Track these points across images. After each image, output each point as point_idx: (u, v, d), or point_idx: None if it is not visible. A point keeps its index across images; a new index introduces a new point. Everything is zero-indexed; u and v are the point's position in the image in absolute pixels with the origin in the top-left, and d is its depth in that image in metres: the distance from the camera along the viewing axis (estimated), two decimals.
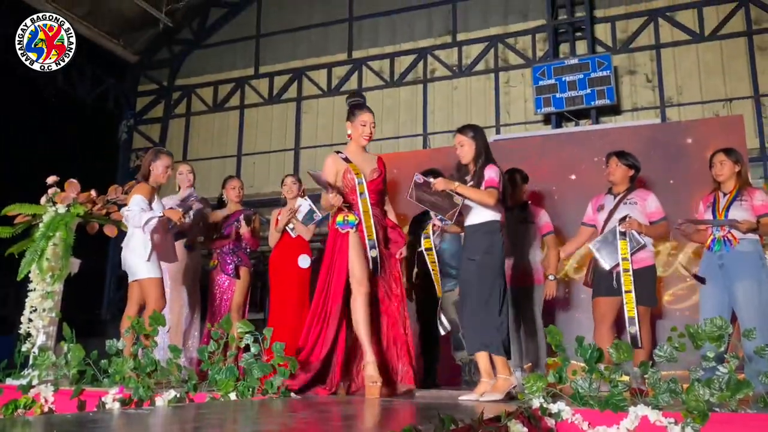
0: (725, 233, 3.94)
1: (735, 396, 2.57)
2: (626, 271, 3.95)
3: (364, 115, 3.90)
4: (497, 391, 3.34)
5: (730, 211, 3.96)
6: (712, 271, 3.99)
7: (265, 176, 10.60)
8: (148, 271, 4.08)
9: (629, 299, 3.91)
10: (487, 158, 3.64)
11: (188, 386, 3.43)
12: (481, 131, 3.76)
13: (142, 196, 4.11)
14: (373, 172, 3.85)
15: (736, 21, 8.67)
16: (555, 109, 8.71)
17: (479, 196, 3.51)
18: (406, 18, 10.39)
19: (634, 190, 4.24)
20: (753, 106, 8.34)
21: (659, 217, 4.15)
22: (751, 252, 3.91)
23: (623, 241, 3.98)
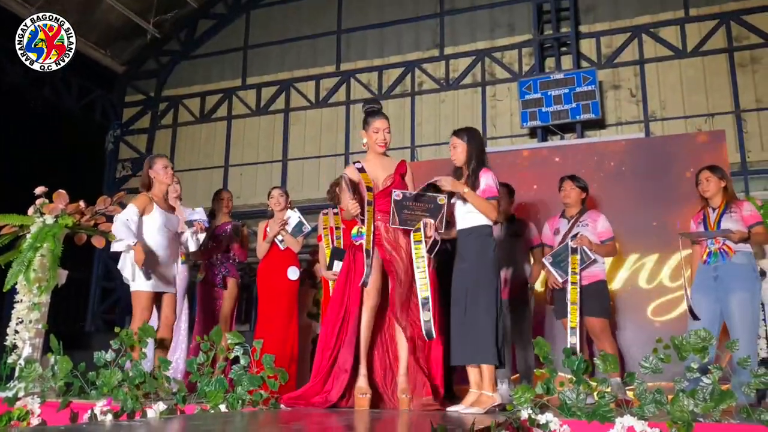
0: (720, 245, 4.04)
1: (719, 406, 2.62)
2: (574, 284, 4.19)
3: (377, 121, 3.85)
4: (480, 405, 3.33)
5: (721, 224, 4.07)
6: (706, 284, 4.08)
7: (252, 187, 10.59)
8: (135, 283, 4.06)
9: (573, 310, 4.12)
10: (480, 162, 3.62)
11: (177, 398, 3.43)
12: (476, 134, 3.75)
13: (135, 207, 4.07)
14: (387, 180, 3.78)
15: (718, 38, 8.84)
16: (541, 123, 8.81)
17: (485, 207, 3.51)
18: (394, 31, 10.48)
19: (586, 212, 4.51)
20: (734, 122, 8.49)
21: (608, 236, 4.44)
22: (746, 264, 4.01)
23: (574, 256, 4.24)
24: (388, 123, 3.89)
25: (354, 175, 3.82)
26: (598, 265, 4.34)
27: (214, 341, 3.54)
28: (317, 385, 3.60)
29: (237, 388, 3.37)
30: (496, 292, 3.46)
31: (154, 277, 4.06)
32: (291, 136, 10.68)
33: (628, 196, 5.45)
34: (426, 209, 3.58)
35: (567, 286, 4.18)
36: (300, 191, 9.90)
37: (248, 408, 3.28)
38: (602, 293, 4.30)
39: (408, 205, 3.58)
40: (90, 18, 10.45)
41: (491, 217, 3.53)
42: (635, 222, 5.34)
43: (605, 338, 4.18)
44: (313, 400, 3.55)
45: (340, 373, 3.56)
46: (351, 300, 3.68)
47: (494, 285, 3.47)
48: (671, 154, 5.50)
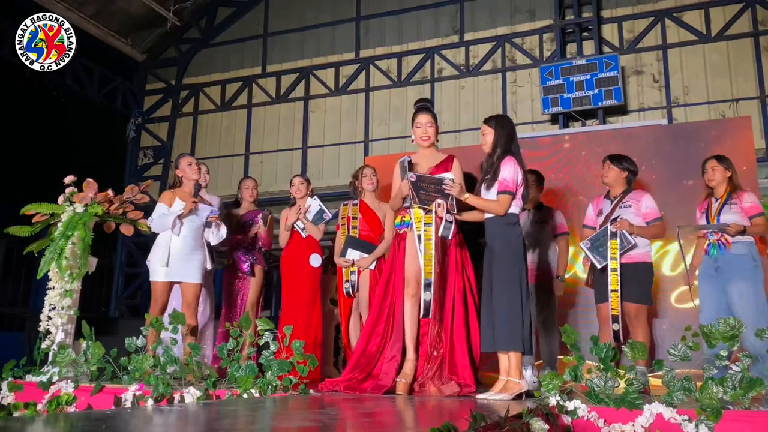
0: (719, 237, 4.10)
1: (748, 394, 2.63)
2: (614, 270, 4.06)
3: (419, 116, 3.95)
4: (507, 391, 3.38)
5: (721, 215, 4.12)
6: (709, 274, 4.16)
7: (272, 175, 10.66)
8: (153, 273, 4.28)
9: (614, 297, 4.03)
10: (505, 150, 3.62)
11: (208, 383, 3.49)
12: (504, 121, 3.75)
13: (163, 203, 4.33)
14: (430, 170, 3.86)
15: (743, 22, 8.70)
16: (562, 109, 8.76)
17: (489, 206, 3.56)
18: (413, 17, 10.44)
19: (630, 192, 4.32)
20: (759, 107, 8.37)
21: (654, 217, 4.22)
22: (745, 254, 4.05)
23: (613, 241, 4.09)
24: (431, 117, 3.95)
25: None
26: (643, 247, 4.15)
27: (244, 328, 3.60)
28: (364, 371, 3.71)
29: (266, 374, 3.43)
30: (521, 280, 3.48)
31: (170, 267, 4.22)
32: (311, 124, 10.71)
33: (651, 183, 5.42)
34: (438, 190, 3.64)
35: (607, 271, 4.07)
36: (320, 179, 9.95)
37: (279, 393, 3.34)
38: (642, 277, 4.12)
39: (423, 186, 3.65)
40: (110, 7, 10.53)
41: (497, 212, 3.54)
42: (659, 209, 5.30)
43: (639, 325, 4.05)
44: (365, 385, 3.65)
45: (392, 359, 3.67)
46: (396, 288, 3.79)
47: (520, 273, 3.49)
48: (696, 140, 5.45)
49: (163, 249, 4.23)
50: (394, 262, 3.87)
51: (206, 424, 1.83)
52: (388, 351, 3.71)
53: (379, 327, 3.80)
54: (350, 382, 3.68)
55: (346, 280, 4.82)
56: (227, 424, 1.82)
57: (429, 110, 3.98)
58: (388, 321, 3.78)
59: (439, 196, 3.64)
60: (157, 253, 4.26)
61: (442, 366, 3.67)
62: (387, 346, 3.73)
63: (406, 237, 3.81)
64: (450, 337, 3.71)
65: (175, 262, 4.24)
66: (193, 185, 4.44)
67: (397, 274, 3.81)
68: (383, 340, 3.76)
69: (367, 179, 4.92)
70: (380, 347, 3.76)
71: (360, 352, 3.81)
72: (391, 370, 3.65)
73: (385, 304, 3.82)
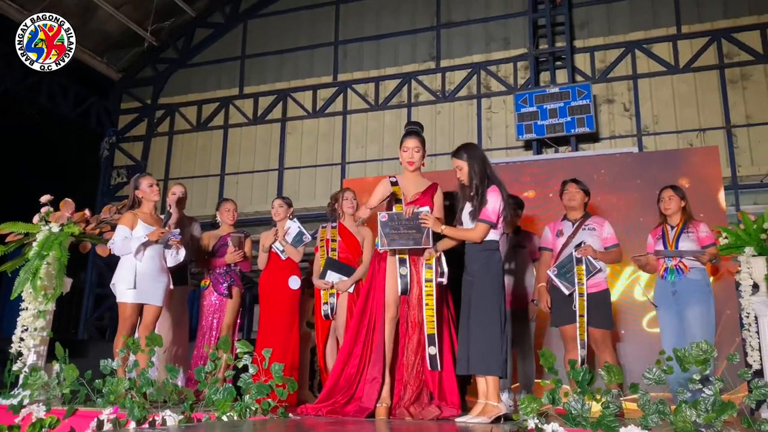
0: (677, 262, 4.28)
1: (720, 417, 2.69)
2: (581, 296, 4.22)
3: (407, 141, 4.01)
4: (485, 414, 3.40)
5: (679, 242, 4.32)
6: (666, 299, 4.33)
7: (248, 196, 10.63)
8: (120, 295, 4.21)
9: (582, 323, 4.17)
10: (483, 180, 3.66)
11: (185, 406, 3.46)
12: (474, 150, 3.80)
13: (124, 225, 4.24)
14: (415, 195, 3.90)
15: (709, 54, 9.02)
16: (536, 136, 8.94)
17: (464, 236, 3.63)
18: (390, 43, 10.60)
19: (590, 217, 4.51)
20: (725, 137, 8.65)
21: (613, 243, 4.45)
22: (700, 280, 4.28)
23: (579, 267, 4.24)
24: (418, 142, 4.00)
25: (387, 188, 3.96)
26: (601, 273, 4.35)
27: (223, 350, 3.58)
28: (345, 394, 3.70)
29: (245, 397, 3.41)
30: (501, 305, 3.53)
31: (138, 289, 4.18)
32: (287, 146, 10.75)
33: (622, 209, 5.54)
34: (412, 226, 3.66)
35: (574, 297, 4.20)
36: (296, 200, 9.87)
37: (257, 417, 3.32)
38: (605, 303, 4.33)
39: (394, 225, 3.67)
40: (87, 25, 10.48)
41: (474, 239, 3.60)
42: (630, 235, 5.43)
43: (606, 349, 4.23)
44: (347, 408, 3.65)
45: (373, 381, 3.66)
46: (376, 309, 3.80)
47: (499, 298, 3.54)
48: (665, 168, 5.60)
49: (129, 272, 4.17)
50: (373, 282, 3.87)
51: None
52: (369, 373, 3.71)
53: (357, 348, 3.79)
54: (333, 405, 3.67)
55: (325, 303, 4.81)
56: None
57: (418, 134, 4.04)
58: (366, 342, 3.77)
59: (413, 232, 3.67)
60: (123, 275, 4.20)
61: (423, 391, 3.69)
62: (367, 368, 3.73)
63: (386, 257, 3.82)
64: None
65: (144, 284, 4.21)
66: (154, 206, 4.40)
67: (377, 294, 3.82)
68: (363, 362, 3.76)
69: (348, 202, 4.94)
70: (360, 369, 3.75)
71: (338, 373, 3.79)
72: (373, 392, 3.66)
73: (363, 324, 3.82)
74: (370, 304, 3.84)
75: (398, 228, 3.65)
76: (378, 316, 3.78)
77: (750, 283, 4.44)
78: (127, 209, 4.42)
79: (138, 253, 4.14)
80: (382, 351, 3.72)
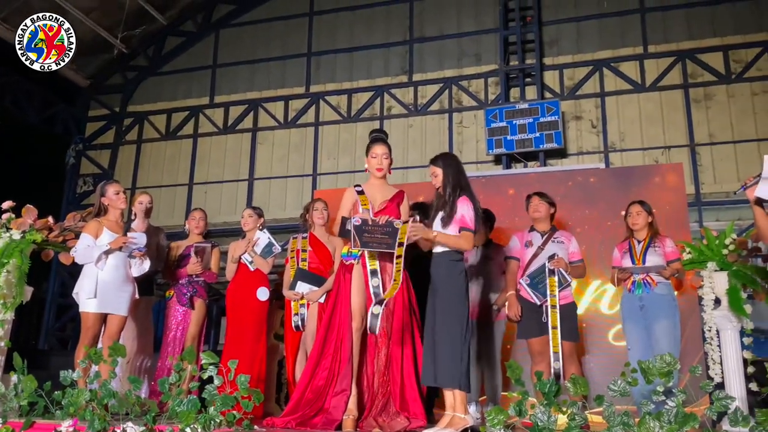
0: (644, 277, 4.37)
1: (683, 428, 2.73)
2: (553, 308, 4.26)
3: (375, 147, 3.98)
4: (452, 426, 3.40)
5: (647, 257, 4.42)
6: (633, 312, 4.41)
7: (216, 207, 10.50)
8: (82, 304, 4.15)
9: (555, 335, 4.21)
10: (456, 189, 3.68)
11: (147, 418, 3.38)
12: (451, 159, 3.85)
13: (88, 234, 4.19)
14: (382, 204, 3.89)
15: (674, 74, 9.26)
16: (506, 151, 9.05)
17: (456, 243, 3.61)
18: (364, 56, 10.64)
19: (558, 231, 4.60)
20: (689, 155, 8.86)
21: (578, 258, 4.55)
22: (667, 295, 4.39)
23: (552, 278, 4.29)
24: (386, 149, 4.00)
25: (353, 197, 3.94)
26: (569, 288, 4.43)
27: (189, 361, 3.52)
28: (314, 407, 3.66)
29: (209, 409, 3.35)
30: (463, 318, 3.52)
31: (101, 298, 4.12)
32: (258, 156, 10.68)
33: (589, 224, 5.62)
34: (385, 232, 3.66)
35: (546, 308, 4.24)
36: (267, 211, 9.78)
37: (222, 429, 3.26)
38: (572, 316, 4.40)
39: (367, 229, 3.65)
40: None
41: (465, 248, 3.62)
42: (597, 249, 5.51)
43: (572, 362, 4.29)
44: (315, 420, 3.61)
45: (341, 393, 3.63)
46: (342, 320, 3.75)
47: (462, 310, 3.54)
48: (631, 184, 5.70)
49: (91, 279, 4.12)
50: (339, 293, 3.83)
51: None
52: (337, 385, 3.68)
53: (325, 360, 3.74)
54: (302, 417, 3.62)
55: (296, 314, 4.77)
56: None
57: (385, 142, 4.04)
58: (335, 354, 3.74)
59: (385, 237, 3.67)
60: (85, 284, 4.14)
61: (390, 402, 3.66)
62: (335, 380, 3.69)
63: (352, 269, 3.80)
64: (400, 372, 3.71)
65: (107, 293, 4.15)
66: (120, 214, 4.34)
67: (343, 306, 3.78)
68: (331, 374, 3.72)
69: (318, 213, 4.92)
70: (328, 381, 3.71)
71: (305, 386, 3.75)
72: (341, 404, 3.63)
73: (330, 336, 3.77)
74: (337, 316, 3.80)
75: (372, 232, 3.65)
76: (345, 328, 3.75)
77: (712, 298, 4.54)
78: (92, 217, 4.34)
79: (99, 261, 4.09)
80: (351, 364, 3.69)
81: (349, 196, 3.96)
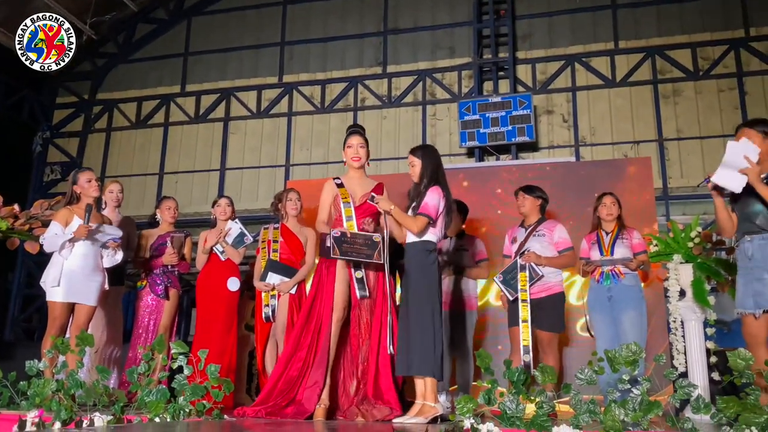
0: (612, 268, 4.44)
1: (647, 416, 2.79)
2: (524, 302, 4.34)
3: (351, 138, 3.99)
4: (422, 415, 3.43)
5: (615, 248, 4.48)
6: (601, 303, 4.48)
7: (187, 196, 10.38)
8: (49, 293, 4.11)
9: (525, 328, 4.28)
10: (431, 180, 3.72)
11: (115, 408, 3.35)
12: (429, 151, 3.88)
13: (58, 222, 4.15)
14: (363, 197, 3.88)
15: (644, 70, 9.39)
16: (478, 144, 9.10)
17: (406, 222, 3.65)
18: (338, 46, 10.59)
19: (544, 222, 4.62)
20: (657, 149, 9.02)
21: (565, 246, 4.58)
22: (634, 286, 4.47)
23: (522, 273, 4.38)
24: (362, 140, 4.01)
25: (333, 189, 3.93)
26: (555, 276, 4.49)
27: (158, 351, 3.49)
28: (286, 397, 3.66)
29: (179, 399, 3.33)
30: (434, 306, 3.56)
31: (69, 287, 4.09)
32: (230, 146, 10.58)
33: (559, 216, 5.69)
34: (364, 244, 3.69)
35: (518, 303, 4.31)
36: (238, 201, 9.72)
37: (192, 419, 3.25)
38: (556, 307, 4.45)
39: (347, 240, 3.68)
40: (21, 14, 10.02)
41: (412, 230, 3.63)
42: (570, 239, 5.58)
43: (551, 351, 4.37)
44: (287, 410, 3.61)
45: (314, 384, 3.65)
46: (323, 313, 3.76)
47: (433, 300, 3.57)
48: (601, 177, 5.79)
49: (58, 269, 4.07)
50: (321, 287, 3.83)
51: None
52: (311, 377, 3.68)
53: (300, 352, 3.75)
54: (273, 407, 3.62)
55: (266, 305, 4.76)
56: None
57: (360, 133, 4.05)
58: (311, 346, 3.74)
59: (364, 249, 3.69)
60: (52, 273, 4.09)
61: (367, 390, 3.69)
62: (309, 372, 3.69)
63: (335, 263, 3.79)
64: (376, 361, 3.74)
65: (75, 283, 4.10)
66: (93, 202, 4.29)
67: (325, 299, 3.78)
68: (306, 366, 3.72)
69: (292, 203, 4.90)
70: (302, 372, 3.71)
71: (278, 376, 3.75)
72: (314, 395, 3.63)
73: (308, 329, 3.77)
74: (317, 309, 3.80)
75: (352, 243, 3.67)
76: (325, 321, 3.75)
77: (677, 289, 4.65)
78: (63, 205, 4.27)
79: (63, 249, 4.03)
80: (327, 356, 3.71)
81: (329, 189, 3.95)
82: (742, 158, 3.32)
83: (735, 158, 3.35)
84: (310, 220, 5.09)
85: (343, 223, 3.81)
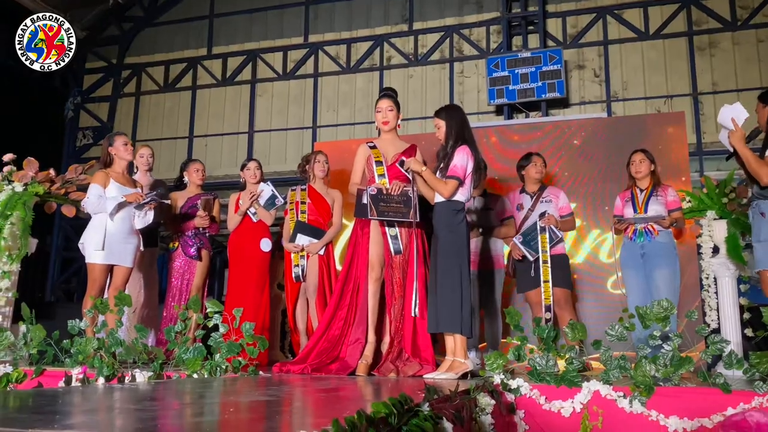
0: (645, 225, 4.37)
1: (678, 371, 2.80)
2: (545, 263, 4.38)
3: (380, 102, 4.04)
4: (452, 370, 3.49)
5: (649, 205, 4.41)
6: (634, 260, 4.41)
7: (217, 159, 10.49)
8: (89, 255, 4.19)
9: (546, 288, 4.33)
10: (457, 140, 3.72)
11: (154, 366, 3.46)
12: (455, 111, 3.87)
13: (97, 184, 4.21)
14: (395, 156, 3.95)
15: (679, 21, 9.09)
16: (507, 101, 8.95)
17: (437, 186, 3.66)
18: (363, 4, 10.44)
19: (546, 188, 4.70)
20: (691, 104, 8.78)
21: (568, 212, 4.68)
22: (668, 243, 4.39)
23: (543, 235, 4.41)
24: (391, 102, 4.03)
25: (366, 151, 4.00)
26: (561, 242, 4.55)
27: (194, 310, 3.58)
28: (330, 355, 3.79)
29: (215, 356, 3.43)
30: (462, 267, 3.59)
31: (107, 250, 4.15)
32: (258, 108, 10.60)
33: (590, 174, 5.63)
34: (400, 201, 3.72)
35: (539, 263, 4.35)
36: (266, 164, 9.82)
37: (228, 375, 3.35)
38: (564, 264, 4.53)
39: (383, 198, 3.73)
40: None
41: (443, 193, 3.64)
42: (597, 199, 5.54)
43: (567, 308, 4.42)
44: (331, 366, 3.74)
45: (356, 341, 3.77)
46: (360, 273, 3.87)
47: (462, 260, 3.60)
48: (633, 133, 5.68)
49: (99, 231, 4.14)
50: (357, 247, 3.92)
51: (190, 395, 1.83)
52: (352, 334, 3.81)
53: (341, 311, 3.87)
54: (319, 364, 3.76)
55: (296, 265, 4.83)
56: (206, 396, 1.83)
57: (390, 96, 4.06)
58: (351, 305, 3.86)
59: (401, 206, 3.72)
60: (93, 235, 4.16)
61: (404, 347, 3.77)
62: (351, 330, 3.82)
63: (369, 223, 3.86)
64: (413, 319, 3.81)
65: (113, 245, 4.18)
66: (126, 166, 4.35)
67: (361, 259, 3.88)
68: (347, 324, 3.85)
69: (320, 165, 4.92)
70: (344, 331, 3.84)
71: (320, 335, 3.87)
72: (356, 352, 3.76)
73: (347, 288, 3.89)
74: (354, 268, 3.91)
75: (388, 202, 3.72)
76: (362, 280, 3.86)
77: (711, 246, 4.59)
78: (98, 168, 4.35)
79: (112, 213, 4.11)
80: (366, 313, 3.80)
81: (362, 152, 4.02)
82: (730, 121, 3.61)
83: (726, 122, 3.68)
84: (336, 181, 5.11)
85: (375, 182, 3.86)
